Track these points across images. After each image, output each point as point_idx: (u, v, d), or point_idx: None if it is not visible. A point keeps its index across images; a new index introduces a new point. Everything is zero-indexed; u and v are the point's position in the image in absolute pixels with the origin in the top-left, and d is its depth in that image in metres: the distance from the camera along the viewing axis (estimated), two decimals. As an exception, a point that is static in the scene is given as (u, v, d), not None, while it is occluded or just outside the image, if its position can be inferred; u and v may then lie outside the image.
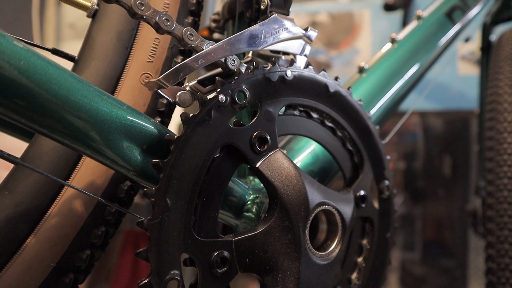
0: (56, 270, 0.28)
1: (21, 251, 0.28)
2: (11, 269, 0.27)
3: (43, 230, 0.28)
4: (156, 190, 0.27)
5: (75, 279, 0.29)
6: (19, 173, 0.28)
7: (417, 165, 1.91)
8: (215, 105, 0.29)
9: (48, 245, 0.28)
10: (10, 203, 0.28)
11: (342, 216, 0.34)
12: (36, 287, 0.27)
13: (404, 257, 1.94)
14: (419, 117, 1.68)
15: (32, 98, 0.24)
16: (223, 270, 0.29)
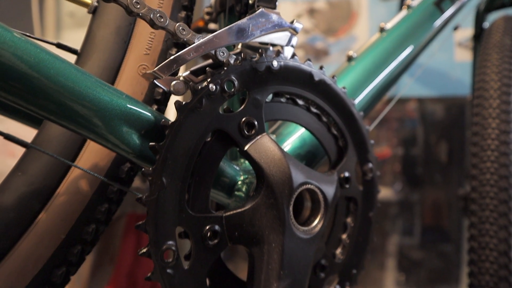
0: (65, 242, 0.32)
1: (34, 225, 0.31)
2: (26, 240, 0.31)
3: (53, 207, 0.32)
4: (153, 170, 0.30)
5: (82, 250, 0.33)
6: (30, 156, 0.32)
7: (415, 151, 1.94)
8: (206, 93, 0.32)
9: (57, 220, 0.32)
10: (23, 183, 0.31)
11: (324, 195, 0.38)
12: (48, 256, 0.31)
13: (403, 243, 1.98)
14: (417, 103, 1.70)
15: (42, 89, 0.27)
16: (214, 242, 0.33)
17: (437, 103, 1.66)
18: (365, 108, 0.52)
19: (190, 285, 0.32)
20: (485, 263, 0.58)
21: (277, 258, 0.34)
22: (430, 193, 1.93)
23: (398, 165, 2.01)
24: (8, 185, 0.32)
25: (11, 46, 0.25)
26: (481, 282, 0.59)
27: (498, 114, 0.64)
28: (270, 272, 0.33)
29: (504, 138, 0.62)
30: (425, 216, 1.98)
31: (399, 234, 1.96)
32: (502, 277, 0.58)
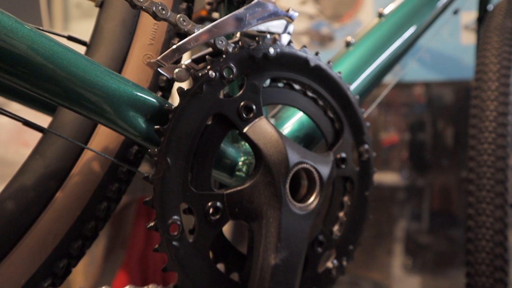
0: (81, 218, 0.35)
1: (52, 203, 0.35)
2: (45, 217, 0.34)
3: (69, 186, 0.35)
4: (158, 151, 0.33)
5: (96, 226, 0.36)
6: (47, 140, 0.35)
7: (423, 136, 1.94)
8: (206, 80, 0.35)
9: (73, 198, 0.35)
10: (41, 165, 0.35)
11: (320, 174, 0.41)
12: (65, 231, 0.35)
13: (411, 228, 2.00)
14: (424, 88, 1.70)
15: (56, 78, 0.30)
16: (216, 218, 0.36)
17: (444, 87, 1.66)
18: (363, 92, 0.54)
19: (194, 257, 0.35)
20: (482, 241, 0.61)
21: (274, 232, 0.36)
22: (439, 178, 1.94)
23: (406, 150, 2.01)
24: (27, 168, 0.35)
25: (28, 40, 0.28)
26: (478, 260, 0.62)
27: (496, 96, 0.65)
28: (268, 244, 0.36)
29: (502, 120, 0.64)
30: (433, 201, 1.99)
31: (407, 219, 1.98)
32: (498, 254, 0.60)
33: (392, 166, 2.07)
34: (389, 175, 2.04)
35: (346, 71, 0.53)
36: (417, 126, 1.95)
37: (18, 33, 0.28)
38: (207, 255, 0.37)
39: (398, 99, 2.01)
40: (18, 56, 0.28)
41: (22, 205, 0.34)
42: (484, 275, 0.62)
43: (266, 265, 0.36)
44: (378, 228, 2.06)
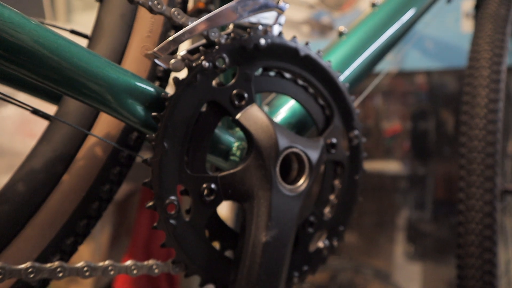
0: (86, 199, 0.38)
1: (59, 185, 0.38)
2: (53, 197, 0.38)
3: (74, 169, 0.38)
4: (156, 136, 0.36)
5: (99, 206, 0.39)
6: (53, 127, 0.38)
7: (426, 124, 1.96)
8: (200, 69, 0.38)
9: (78, 181, 0.38)
10: (48, 150, 0.38)
11: (309, 158, 0.43)
12: (72, 210, 0.38)
13: (414, 217, 2.02)
14: (425, 76, 1.71)
15: (60, 69, 0.32)
16: (211, 198, 0.39)
17: (446, 75, 1.67)
18: (354, 80, 0.56)
19: (191, 234, 0.39)
20: (471, 212, 0.63)
21: (265, 211, 0.39)
22: (442, 166, 1.95)
23: (409, 139, 2.03)
24: (36, 153, 0.38)
25: (35, 34, 0.31)
26: (467, 241, 0.65)
27: (488, 83, 0.67)
28: (259, 223, 0.39)
29: (493, 107, 0.66)
30: (437, 189, 2.01)
31: (411, 208, 2.01)
32: (487, 236, 0.63)
33: (395, 155, 2.09)
34: (392, 164, 2.06)
35: (337, 60, 0.55)
36: (420, 114, 1.97)
37: (25, 28, 0.31)
38: (202, 233, 0.40)
39: (401, 87, 2.03)
40: (25, 49, 0.31)
41: (32, 187, 0.37)
42: (474, 256, 0.65)
43: (257, 242, 0.39)
44: (380, 217, 2.09)
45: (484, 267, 0.64)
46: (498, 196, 0.65)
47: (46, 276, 0.32)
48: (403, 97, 1.99)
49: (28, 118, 1.33)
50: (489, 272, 0.64)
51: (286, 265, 0.41)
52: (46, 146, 0.38)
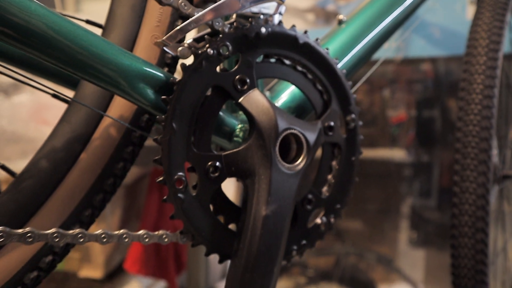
0: (101, 176, 0.42)
1: (77, 163, 0.42)
2: (72, 174, 0.42)
3: (91, 148, 0.42)
4: (165, 117, 0.39)
5: (114, 182, 0.43)
6: (72, 109, 0.42)
7: (431, 112, 1.97)
8: (205, 56, 0.41)
9: (95, 159, 0.42)
10: (68, 130, 0.42)
11: (306, 139, 0.47)
12: (89, 186, 0.42)
13: (419, 204, 2.05)
14: (430, 63, 1.73)
15: (78, 57, 0.36)
16: (216, 175, 0.43)
17: (451, 62, 1.68)
18: (352, 67, 0.59)
19: (197, 208, 0.42)
20: (465, 194, 0.67)
21: (265, 188, 0.43)
22: (447, 154, 1.97)
23: (414, 127, 2.05)
24: (57, 133, 0.42)
25: (56, 25, 0.35)
26: (461, 222, 0.68)
27: (484, 70, 0.70)
28: (259, 198, 0.43)
29: (488, 93, 0.69)
30: (442, 177, 2.04)
31: (416, 196, 2.04)
32: (479, 216, 0.66)
33: (401, 143, 2.11)
34: (397, 152, 2.09)
35: (336, 48, 0.58)
36: (425, 102, 1.98)
37: (48, 19, 0.34)
38: (208, 207, 0.44)
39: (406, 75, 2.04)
40: (48, 38, 0.34)
41: (53, 164, 0.41)
42: (467, 236, 0.68)
43: (258, 215, 0.43)
44: (385, 204, 2.12)
45: (477, 246, 0.68)
46: (491, 179, 0.68)
47: (69, 241, 0.36)
48: (409, 85, 2.00)
49: (41, 105, 1.38)
50: (481, 251, 0.68)
51: (285, 237, 0.45)
52: (66, 126, 0.42)
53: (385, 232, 2.10)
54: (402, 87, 2.07)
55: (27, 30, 0.33)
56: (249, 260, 0.42)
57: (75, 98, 0.42)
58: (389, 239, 2.11)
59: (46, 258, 0.40)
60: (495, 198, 1.03)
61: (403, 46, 1.45)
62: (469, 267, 0.69)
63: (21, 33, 0.33)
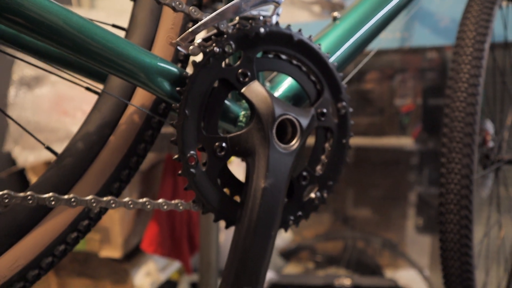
0: (127, 155, 0.51)
1: (107, 144, 0.51)
2: (103, 154, 0.51)
3: (118, 132, 0.51)
4: (179, 105, 0.48)
5: (137, 160, 0.52)
6: (102, 99, 0.51)
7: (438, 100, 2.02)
8: (212, 54, 0.49)
9: (121, 141, 0.51)
10: (99, 117, 0.51)
11: (300, 123, 0.55)
12: (117, 163, 0.51)
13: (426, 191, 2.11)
14: (436, 52, 1.78)
15: (108, 56, 0.45)
16: (222, 154, 0.51)
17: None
18: (344, 60, 0.67)
19: (206, 181, 0.51)
20: (451, 174, 0.74)
21: (264, 164, 0.52)
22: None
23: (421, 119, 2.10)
24: (90, 119, 0.51)
25: (87, 30, 0.43)
26: (448, 190, 0.76)
27: (470, 60, 0.77)
28: (259, 173, 0.52)
29: (473, 81, 0.76)
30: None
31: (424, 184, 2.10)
32: (464, 185, 0.74)
33: (409, 132, 2.17)
34: (405, 140, 2.15)
35: (330, 42, 0.66)
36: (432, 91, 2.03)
37: (84, 27, 0.43)
38: (215, 181, 0.52)
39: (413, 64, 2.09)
40: (84, 42, 0.43)
41: (88, 145, 0.50)
42: (452, 213, 0.76)
43: (257, 188, 0.52)
44: (393, 191, 2.20)
45: (461, 221, 0.76)
46: (475, 161, 0.75)
47: (103, 206, 0.46)
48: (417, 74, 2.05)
49: (61, 97, 1.49)
50: (465, 226, 0.76)
51: (281, 206, 0.53)
52: (97, 114, 0.51)
53: (392, 219, 2.18)
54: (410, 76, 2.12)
55: (73, 39, 0.42)
56: (250, 225, 0.51)
57: (105, 90, 0.51)
58: (396, 226, 2.19)
59: (83, 222, 0.50)
60: (492, 181, 1.10)
61: (408, 35, 1.51)
62: (455, 241, 0.77)
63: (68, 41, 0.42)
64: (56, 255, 0.49)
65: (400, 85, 2.16)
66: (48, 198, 0.43)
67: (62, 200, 0.44)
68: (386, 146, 2.15)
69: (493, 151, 1.04)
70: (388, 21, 0.73)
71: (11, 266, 0.46)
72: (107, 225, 1.46)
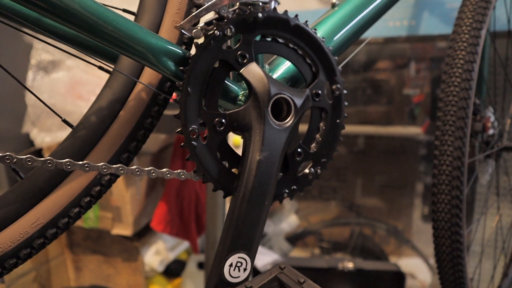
0: (135, 128, 0.57)
1: (117, 118, 0.57)
2: (113, 127, 0.57)
3: (127, 107, 0.57)
4: (182, 83, 0.54)
5: (144, 133, 0.58)
6: (113, 77, 0.57)
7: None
8: (213, 37, 0.55)
9: (130, 115, 0.57)
10: (110, 94, 0.57)
11: (294, 102, 0.60)
12: (126, 135, 0.57)
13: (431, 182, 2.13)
14: (443, 41, 1.79)
15: (119, 38, 0.50)
16: (221, 129, 0.57)
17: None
18: (341, 45, 0.72)
19: (207, 154, 0.57)
20: (444, 156, 0.79)
21: (259, 139, 0.57)
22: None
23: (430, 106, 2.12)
24: (102, 95, 0.57)
25: (104, 16, 0.49)
26: (440, 171, 0.80)
27: (465, 47, 0.80)
28: (255, 147, 0.57)
29: (467, 67, 0.79)
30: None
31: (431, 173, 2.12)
32: (455, 166, 0.78)
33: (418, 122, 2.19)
34: (414, 129, 2.17)
35: (327, 28, 0.71)
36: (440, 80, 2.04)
37: (97, 11, 0.49)
38: (215, 154, 0.58)
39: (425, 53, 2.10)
40: (98, 25, 0.49)
41: (100, 118, 0.56)
42: (444, 193, 0.80)
43: (253, 160, 0.57)
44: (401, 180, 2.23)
45: (452, 202, 0.80)
46: (467, 143, 0.79)
47: (112, 172, 0.52)
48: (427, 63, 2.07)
49: (76, 81, 1.56)
50: (456, 206, 0.80)
51: (275, 178, 0.58)
52: (108, 91, 0.57)
53: (399, 208, 2.21)
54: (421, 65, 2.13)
55: (88, 21, 0.47)
56: (246, 194, 0.56)
57: (116, 69, 0.57)
58: (402, 214, 2.22)
59: (96, 188, 0.56)
60: (492, 168, 1.14)
61: (414, 23, 1.53)
62: (446, 220, 0.81)
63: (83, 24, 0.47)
64: (71, 216, 0.55)
65: (410, 75, 2.18)
66: (65, 162, 0.50)
67: (77, 165, 0.50)
68: (394, 135, 2.18)
69: (494, 138, 1.07)
70: (385, 9, 0.77)
71: (33, 224, 0.53)
72: (119, 204, 1.54)
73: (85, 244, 1.78)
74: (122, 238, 1.66)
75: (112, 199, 1.56)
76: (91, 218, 1.63)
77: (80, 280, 1.87)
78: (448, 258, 0.83)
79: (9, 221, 0.52)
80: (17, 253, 0.52)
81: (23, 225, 0.53)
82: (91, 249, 1.77)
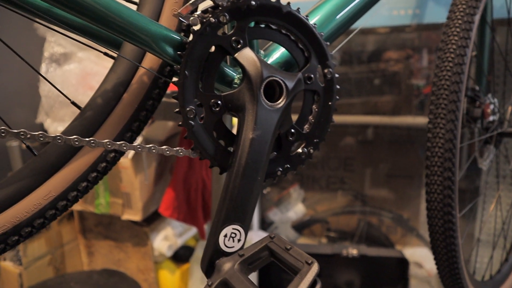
0: (137, 109, 0.62)
1: (121, 100, 0.62)
2: (118, 108, 0.62)
3: (130, 90, 0.62)
4: (180, 67, 0.59)
5: (146, 115, 0.64)
6: (118, 62, 0.62)
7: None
8: (209, 24, 0.59)
9: (132, 98, 0.62)
10: (115, 77, 0.62)
11: (286, 85, 0.65)
12: (129, 116, 0.62)
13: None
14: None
15: (122, 26, 0.55)
16: (217, 109, 0.62)
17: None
18: (334, 31, 0.76)
19: (203, 133, 0.62)
20: (436, 139, 0.82)
21: (252, 118, 0.62)
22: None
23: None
24: (107, 79, 0.63)
25: (109, 5, 0.54)
26: (433, 153, 0.84)
27: (458, 32, 0.84)
28: (248, 126, 0.62)
29: (460, 52, 0.83)
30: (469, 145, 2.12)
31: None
32: (447, 148, 0.82)
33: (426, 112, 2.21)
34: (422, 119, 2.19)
35: (321, 15, 0.75)
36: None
37: (104, 1, 0.54)
38: (212, 133, 0.63)
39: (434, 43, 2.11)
40: (102, 13, 0.54)
41: (105, 100, 0.62)
42: (436, 175, 0.84)
43: (247, 138, 0.62)
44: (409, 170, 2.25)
45: (444, 183, 0.84)
46: (459, 126, 0.83)
47: (116, 148, 0.57)
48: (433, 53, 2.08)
49: (87, 73, 1.63)
50: (448, 187, 0.84)
51: (267, 155, 0.63)
52: (113, 75, 0.62)
53: (405, 197, 2.24)
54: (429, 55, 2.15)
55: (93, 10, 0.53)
56: (239, 170, 0.61)
57: (120, 54, 0.62)
58: (409, 204, 2.25)
59: (102, 164, 0.62)
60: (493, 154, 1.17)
61: (419, 12, 1.55)
62: (439, 201, 0.85)
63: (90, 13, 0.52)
64: (79, 190, 0.61)
65: (418, 64, 2.19)
66: (73, 139, 0.55)
67: (84, 141, 0.56)
68: (402, 125, 2.20)
69: (493, 124, 1.10)
70: None
71: (45, 196, 0.59)
72: (128, 191, 1.61)
73: (97, 230, 1.86)
74: (132, 224, 1.74)
75: (122, 186, 1.62)
76: (102, 204, 1.70)
77: (93, 264, 1.96)
78: (441, 238, 0.87)
79: (24, 194, 0.58)
80: (31, 222, 0.59)
81: (36, 197, 0.59)
82: (103, 235, 1.86)
